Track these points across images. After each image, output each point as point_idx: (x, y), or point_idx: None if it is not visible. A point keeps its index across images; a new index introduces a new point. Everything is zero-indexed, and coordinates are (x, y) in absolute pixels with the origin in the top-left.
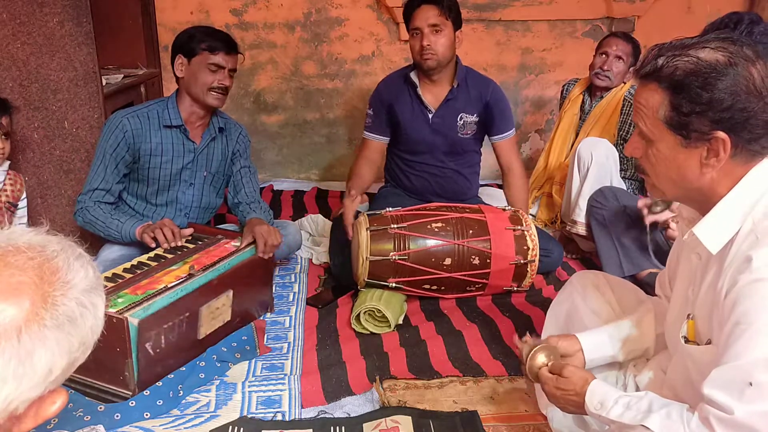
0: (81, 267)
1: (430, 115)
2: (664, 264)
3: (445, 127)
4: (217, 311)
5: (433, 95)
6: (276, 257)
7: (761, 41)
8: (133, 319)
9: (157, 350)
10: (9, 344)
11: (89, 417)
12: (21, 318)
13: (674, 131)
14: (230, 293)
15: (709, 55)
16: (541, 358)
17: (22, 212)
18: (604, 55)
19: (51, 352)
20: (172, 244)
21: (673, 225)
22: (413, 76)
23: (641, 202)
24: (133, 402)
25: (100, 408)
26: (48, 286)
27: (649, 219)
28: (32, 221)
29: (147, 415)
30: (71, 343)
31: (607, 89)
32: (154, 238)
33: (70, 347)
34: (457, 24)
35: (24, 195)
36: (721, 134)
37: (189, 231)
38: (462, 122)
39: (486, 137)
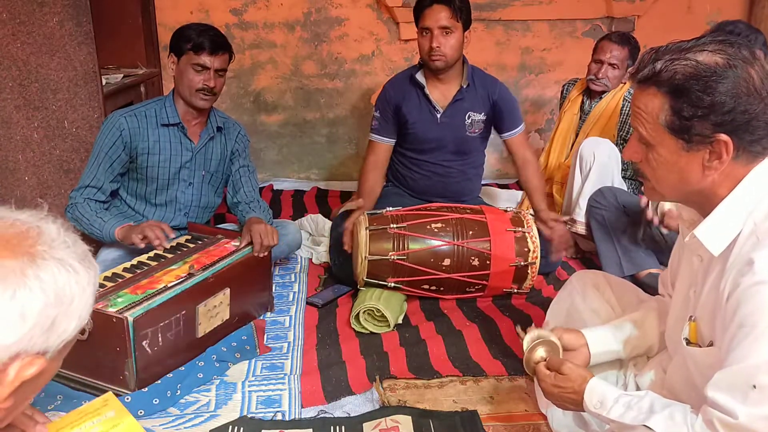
0: (69, 239)
1: (438, 115)
2: (654, 252)
3: (454, 126)
4: (215, 309)
5: (441, 94)
6: (276, 257)
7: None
8: (129, 318)
9: (155, 349)
10: None
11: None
12: (1, 263)
13: (675, 135)
14: (227, 291)
15: (707, 58)
16: (540, 352)
17: None
18: (598, 63)
19: (25, 297)
20: (165, 244)
21: (673, 213)
22: (419, 76)
23: (645, 200)
24: (129, 398)
25: None
26: (31, 241)
27: (650, 214)
28: None
29: (141, 412)
30: (46, 294)
31: (605, 92)
32: (144, 238)
33: (46, 299)
34: (467, 24)
35: None
36: (724, 137)
37: (173, 235)
38: (470, 120)
39: (491, 138)
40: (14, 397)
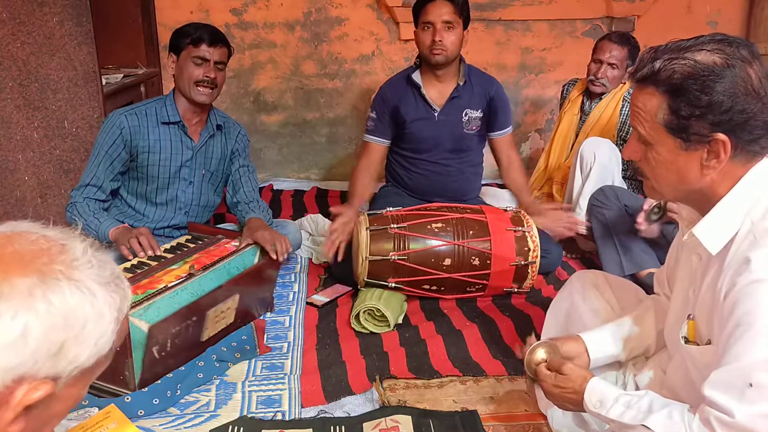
0: (96, 260)
1: (436, 114)
2: (655, 251)
3: (451, 124)
4: (222, 315)
5: (438, 92)
6: None
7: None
8: (143, 324)
9: (162, 353)
10: None
11: (87, 401)
12: (9, 281)
13: (674, 134)
14: (236, 297)
15: (706, 58)
16: (540, 354)
17: None
18: (598, 63)
19: (27, 318)
20: (149, 253)
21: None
22: (415, 77)
23: (647, 204)
24: (129, 398)
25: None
26: (46, 259)
27: (642, 226)
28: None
29: (141, 412)
30: (53, 316)
31: (605, 93)
32: (132, 249)
33: (52, 322)
34: (466, 23)
35: None
36: (721, 136)
37: (163, 247)
38: (467, 118)
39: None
40: (24, 421)
